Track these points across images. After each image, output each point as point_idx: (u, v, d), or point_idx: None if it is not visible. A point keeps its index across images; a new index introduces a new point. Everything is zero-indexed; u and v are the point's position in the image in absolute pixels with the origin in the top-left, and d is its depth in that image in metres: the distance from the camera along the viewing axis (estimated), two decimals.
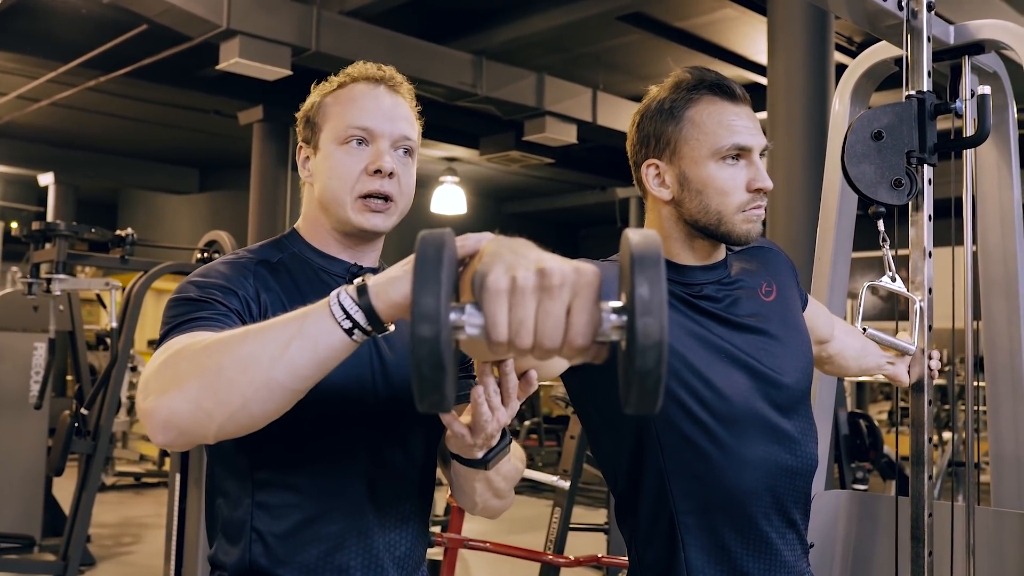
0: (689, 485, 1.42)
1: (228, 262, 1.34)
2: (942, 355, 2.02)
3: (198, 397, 1.00)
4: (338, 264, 1.41)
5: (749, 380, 1.44)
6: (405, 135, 1.40)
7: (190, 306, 1.23)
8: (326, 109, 1.40)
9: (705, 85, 1.45)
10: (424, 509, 1.42)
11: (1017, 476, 2.31)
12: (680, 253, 1.49)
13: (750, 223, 1.45)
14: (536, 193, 13.58)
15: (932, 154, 1.87)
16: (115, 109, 9.35)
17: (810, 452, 1.50)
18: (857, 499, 2.38)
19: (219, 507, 1.34)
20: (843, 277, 2.34)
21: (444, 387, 0.74)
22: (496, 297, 0.76)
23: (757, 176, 1.44)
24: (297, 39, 6.44)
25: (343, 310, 0.98)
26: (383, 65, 1.43)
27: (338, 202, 1.37)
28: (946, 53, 2.10)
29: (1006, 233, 2.31)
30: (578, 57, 7.89)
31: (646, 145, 1.49)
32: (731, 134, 1.43)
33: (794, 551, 1.50)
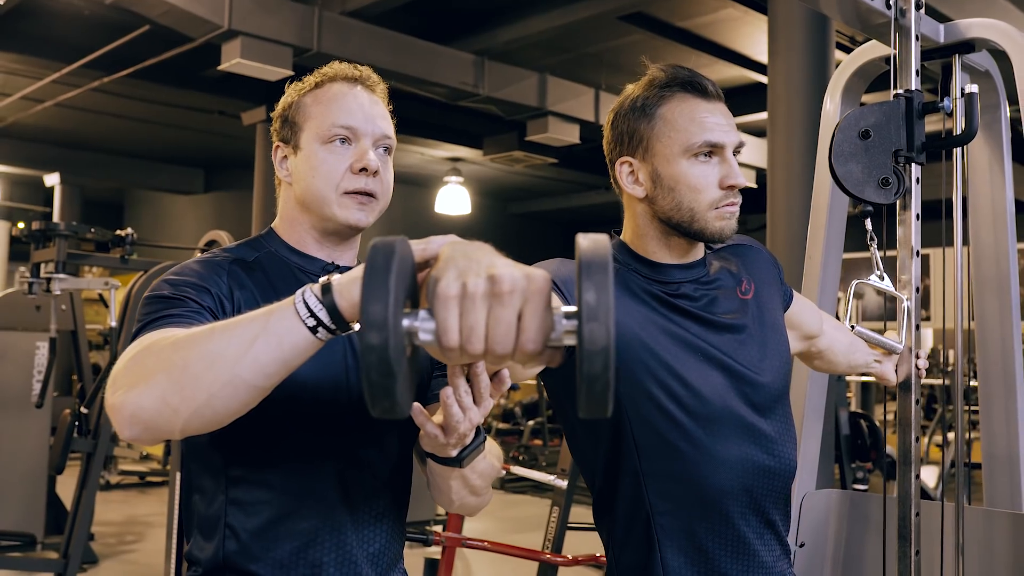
0: (665, 485, 1.42)
1: (202, 261, 1.35)
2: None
3: (164, 392, 1.01)
4: (315, 263, 1.42)
5: (725, 379, 1.44)
6: (385, 134, 1.42)
7: (163, 303, 1.24)
8: (306, 109, 1.41)
9: (677, 83, 1.46)
10: (399, 507, 1.43)
11: (1009, 476, 2.31)
12: (657, 251, 1.50)
13: (723, 220, 1.45)
14: (540, 193, 13.59)
15: (920, 153, 1.87)
16: (120, 110, 9.39)
17: (787, 453, 1.50)
18: (848, 498, 2.38)
19: (195, 503, 1.35)
20: (834, 276, 2.34)
21: (395, 394, 0.75)
22: (446, 303, 0.77)
23: (730, 173, 1.44)
24: (298, 39, 6.45)
25: (307, 308, 0.98)
26: (358, 65, 1.44)
27: (323, 200, 1.38)
28: (937, 52, 2.09)
29: (998, 233, 2.30)
30: (580, 57, 7.89)
31: (620, 143, 1.50)
32: (703, 131, 1.43)
33: (772, 552, 1.49)
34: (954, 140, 1.90)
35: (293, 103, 1.43)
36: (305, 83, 1.44)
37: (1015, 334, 2.31)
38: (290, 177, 1.42)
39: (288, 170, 1.43)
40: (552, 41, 7.41)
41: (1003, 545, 2.12)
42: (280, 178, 1.45)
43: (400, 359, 0.75)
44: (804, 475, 2.37)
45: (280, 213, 1.46)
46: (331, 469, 1.33)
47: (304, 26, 6.46)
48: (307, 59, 6.61)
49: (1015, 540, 2.11)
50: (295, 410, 1.30)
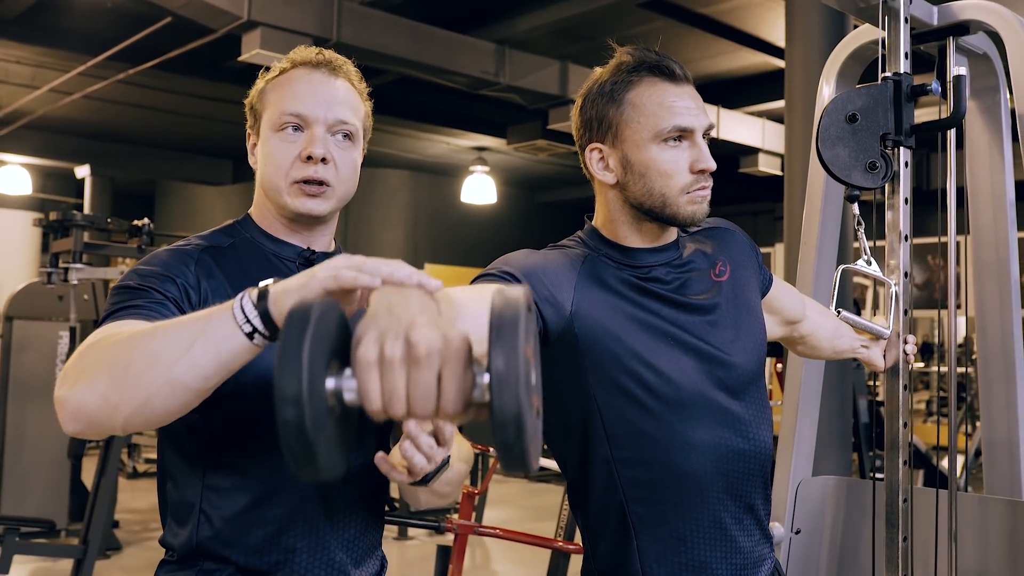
0: (637, 472, 1.42)
1: (173, 250, 1.36)
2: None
3: (106, 390, 1.02)
4: (289, 248, 1.43)
5: (697, 362, 1.44)
6: (341, 119, 1.40)
7: (127, 294, 1.26)
8: (265, 96, 1.42)
9: (645, 67, 1.44)
10: (375, 495, 1.44)
11: (1009, 462, 2.29)
12: (629, 236, 1.49)
13: (695, 204, 1.44)
14: (567, 182, 13.54)
15: (908, 137, 1.85)
16: (147, 101, 9.48)
17: (762, 436, 1.49)
18: (843, 485, 2.37)
19: (168, 490, 1.37)
20: (830, 262, 2.33)
21: (317, 460, 0.74)
22: (366, 368, 0.76)
23: (700, 157, 1.43)
24: (318, 30, 6.47)
25: (244, 314, 0.99)
26: (323, 49, 1.44)
27: (275, 188, 1.40)
28: (931, 35, 2.07)
29: (998, 217, 2.27)
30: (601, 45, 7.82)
31: (589, 129, 1.49)
32: (672, 116, 1.42)
33: (751, 537, 1.48)
34: (941, 123, 1.88)
35: (258, 91, 1.45)
36: (272, 70, 1.45)
37: (1015, 321, 2.29)
38: (256, 163, 1.45)
39: (255, 156, 1.45)
40: (572, 29, 7.38)
41: (998, 532, 2.10)
42: (252, 165, 1.47)
43: (320, 429, 0.74)
44: (800, 462, 2.36)
45: (255, 199, 1.48)
46: None
47: (324, 16, 6.48)
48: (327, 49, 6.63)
49: (1011, 527, 2.09)
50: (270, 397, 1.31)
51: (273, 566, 1.33)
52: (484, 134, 10.11)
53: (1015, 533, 2.09)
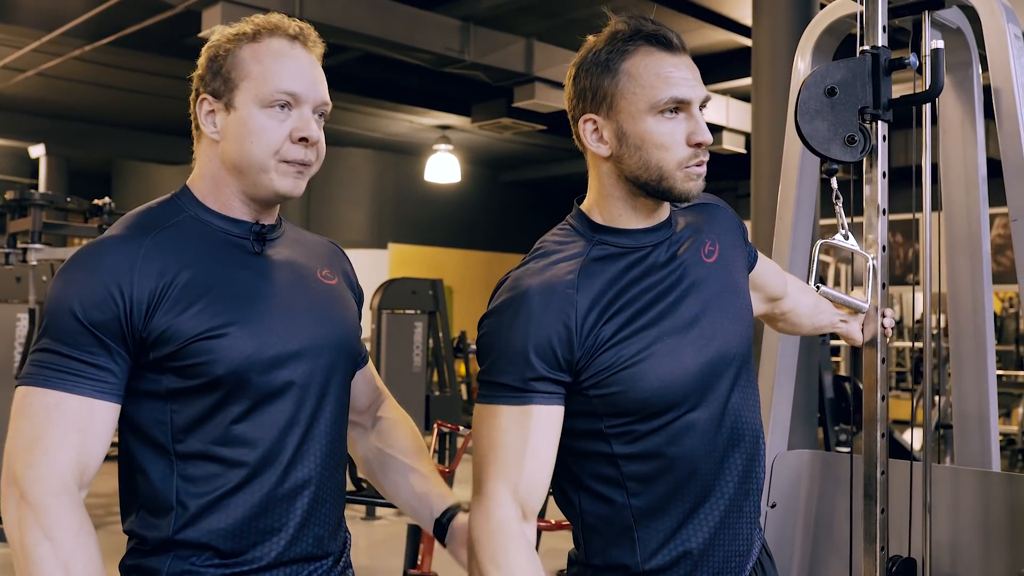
0: (636, 467, 1.39)
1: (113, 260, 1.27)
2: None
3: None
4: (241, 225, 1.37)
5: (691, 349, 1.39)
6: (325, 100, 1.37)
7: (67, 341, 1.26)
8: (243, 65, 1.33)
9: (641, 36, 1.39)
10: (342, 467, 1.44)
11: (979, 434, 2.32)
12: (623, 213, 1.44)
13: (691, 180, 1.40)
14: (531, 160, 13.51)
15: (886, 110, 1.85)
16: (104, 79, 9.29)
17: (755, 420, 1.47)
18: (819, 458, 2.39)
19: (138, 482, 1.32)
20: (805, 237, 2.33)
21: None
22: None
23: (697, 130, 1.38)
24: (281, 6, 6.36)
25: None
26: (295, 18, 1.38)
27: (259, 166, 1.33)
28: (906, 8, 2.07)
29: (970, 193, 2.29)
30: (567, 23, 7.81)
31: (583, 99, 1.43)
32: (668, 86, 1.37)
33: (750, 522, 1.46)
34: (919, 96, 1.88)
35: (228, 54, 1.34)
36: (238, 31, 1.35)
37: (986, 296, 2.31)
38: (218, 135, 1.35)
39: (216, 127, 1.35)
40: (538, 6, 7.33)
41: (970, 503, 2.13)
42: (204, 132, 1.36)
43: None
44: (776, 436, 2.38)
45: (201, 170, 1.39)
46: (283, 438, 1.33)
47: None
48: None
49: (982, 497, 2.12)
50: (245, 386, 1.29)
51: (251, 546, 1.31)
52: (448, 112, 10.04)
53: (987, 503, 2.12)
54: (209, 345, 1.27)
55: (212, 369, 1.27)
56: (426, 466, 1.57)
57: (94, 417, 1.25)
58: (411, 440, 1.60)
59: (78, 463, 1.25)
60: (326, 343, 1.39)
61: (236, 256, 1.36)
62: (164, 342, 1.26)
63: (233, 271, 1.34)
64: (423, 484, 1.54)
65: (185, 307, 1.27)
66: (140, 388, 1.30)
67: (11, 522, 1.21)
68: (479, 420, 1.38)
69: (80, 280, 1.27)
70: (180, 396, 1.29)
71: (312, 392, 1.36)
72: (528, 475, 1.33)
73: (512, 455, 1.33)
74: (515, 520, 1.33)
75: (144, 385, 1.30)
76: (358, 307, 1.54)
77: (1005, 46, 1.99)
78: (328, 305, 1.43)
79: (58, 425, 1.23)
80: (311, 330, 1.37)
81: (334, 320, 1.42)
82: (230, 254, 1.35)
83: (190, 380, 1.28)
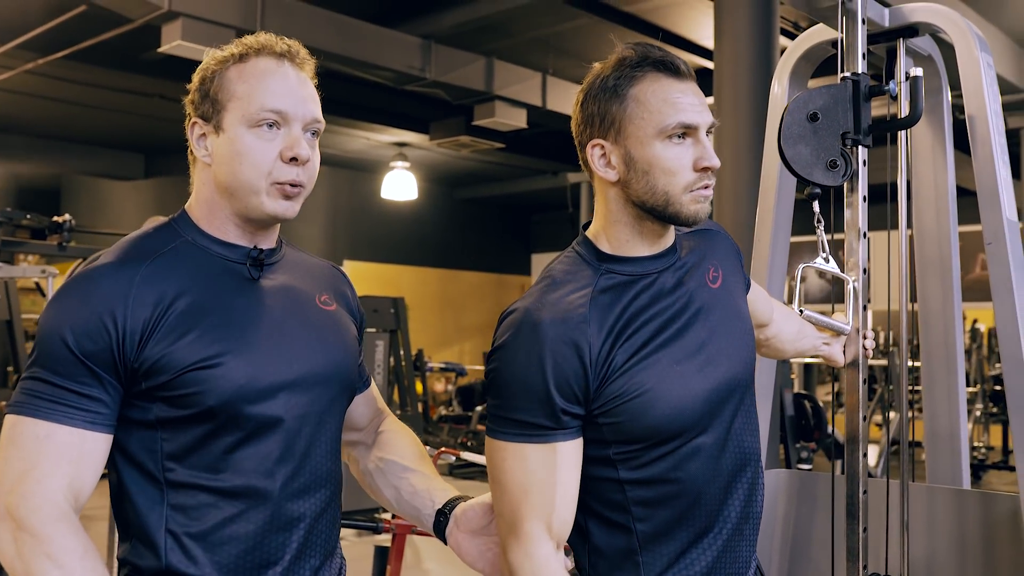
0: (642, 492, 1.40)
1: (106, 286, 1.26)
2: (884, 337, 2.05)
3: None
4: (238, 250, 1.36)
5: (699, 376, 1.41)
6: (316, 117, 1.35)
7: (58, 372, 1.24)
8: (230, 86, 1.31)
9: (649, 62, 1.41)
10: (337, 495, 1.43)
11: (951, 453, 2.36)
12: (629, 239, 1.45)
13: (698, 203, 1.41)
14: (488, 178, 13.54)
15: (867, 135, 1.89)
16: (56, 93, 9.13)
17: (755, 444, 1.49)
18: (796, 478, 2.41)
19: (127, 510, 1.30)
20: (782, 259, 2.37)
21: None
22: None
23: (704, 154, 1.40)
24: (242, 22, 6.32)
25: None
26: (285, 37, 1.36)
27: (250, 189, 1.31)
28: (882, 36, 2.12)
29: (940, 216, 2.34)
30: (527, 41, 7.86)
31: (591, 125, 1.44)
32: (676, 112, 1.38)
33: (749, 545, 1.48)
34: (900, 123, 1.93)
35: (215, 75, 1.33)
36: (227, 53, 1.34)
37: (956, 315, 2.36)
38: (210, 158, 1.34)
39: (208, 150, 1.34)
40: (499, 25, 7.37)
41: (946, 521, 2.17)
42: (197, 157, 1.36)
43: None
44: None
45: (196, 196, 1.38)
46: (277, 469, 1.31)
47: (247, 7, 6.34)
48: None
49: (957, 515, 2.16)
50: (237, 417, 1.27)
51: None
52: (406, 129, 10.02)
53: (961, 521, 2.16)
54: (202, 375, 1.25)
55: (204, 399, 1.25)
56: (428, 468, 1.56)
57: (85, 448, 1.23)
58: (413, 447, 1.59)
59: (71, 490, 1.23)
60: (322, 372, 1.37)
61: (232, 283, 1.33)
62: (157, 372, 1.24)
63: (229, 298, 1.31)
64: (425, 481, 1.53)
65: (179, 336, 1.25)
66: (130, 416, 1.28)
67: (10, 555, 1.18)
68: (501, 458, 1.38)
69: (72, 308, 1.24)
70: (170, 425, 1.27)
71: (307, 422, 1.34)
72: (560, 510, 1.36)
73: (545, 493, 1.35)
74: (554, 555, 1.36)
75: (134, 413, 1.28)
76: (359, 331, 1.53)
77: (979, 75, 2.04)
78: (325, 333, 1.41)
79: (49, 456, 1.21)
80: (306, 359, 1.35)
81: (330, 348, 1.40)
82: (226, 281, 1.33)
83: (181, 410, 1.26)
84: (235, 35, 6.34)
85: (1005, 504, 2.07)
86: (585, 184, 12.19)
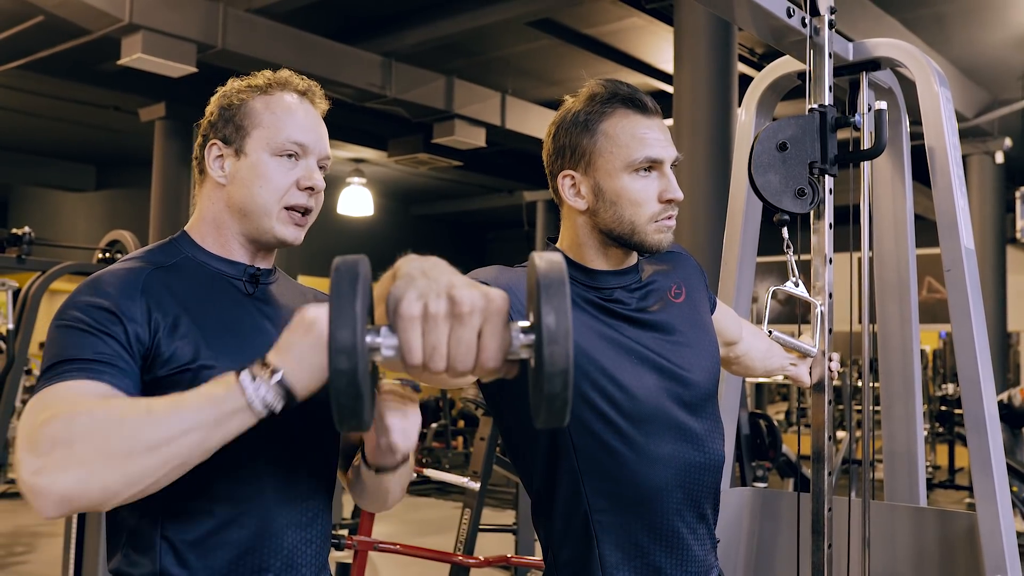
0: (602, 484, 1.46)
1: (118, 282, 1.28)
2: (840, 357, 2.12)
3: (104, 479, 1.03)
4: (237, 267, 1.40)
5: (658, 379, 1.49)
6: (328, 153, 1.43)
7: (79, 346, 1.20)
8: (256, 114, 1.38)
9: (618, 98, 1.50)
10: (329, 506, 1.45)
11: (908, 472, 2.44)
12: (595, 259, 1.54)
13: (662, 233, 1.50)
14: (444, 195, 13.58)
15: (833, 165, 1.96)
16: (7, 102, 9.01)
17: (717, 448, 1.56)
18: (761, 496, 2.47)
19: (123, 518, 1.31)
20: (748, 281, 2.43)
21: (363, 413, 0.77)
22: (410, 324, 0.79)
23: (668, 187, 1.49)
24: (203, 36, 6.31)
25: (264, 404, 1.04)
26: (302, 76, 1.43)
27: (264, 211, 1.37)
28: (845, 69, 2.20)
29: (899, 241, 2.43)
30: (488, 61, 7.94)
31: (562, 156, 1.53)
32: (644, 147, 1.48)
33: (704, 546, 1.55)
34: (864, 153, 2.00)
35: (242, 103, 1.39)
36: (251, 84, 1.41)
37: (914, 337, 2.44)
38: (226, 179, 1.39)
39: (224, 171, 1.39)
40: (460, 44, 7.44)
41: (905, 537, 2.24)
42: (211, 177, 1.40)
43: (367, 382, 0.77)
44: None
45: (201, 215, 1.42)
46: (271, 474, 1.33)
47: (208, 22, 6.32)
48: (211, 56, 6.47)
49: (916, 532, 2.24)
50: None
51: None
52: (364, 146, 10.04)
53: (919, 538, 2.23)
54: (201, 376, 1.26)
55: None
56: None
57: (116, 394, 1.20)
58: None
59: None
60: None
61: (230, 296, 1.38)
62: (157, 366, 1.26)
63: (226, 310, 1.36)
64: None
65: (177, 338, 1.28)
66: None
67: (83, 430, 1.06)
68: None
69: (82, 306, 1.25)
70: None
71: (300, 433, 1.37)
72: None
73: None
74: None
75: None
76: None
77: (938, 108, 2.13)
78: None
79: (79, 394, 1.16)
80: None
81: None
82: (224, 294, 1.37)
83: None
84: (196, 49, 6.34)
85: (963, 522, 2.15)
86: (542, 203, 12.28)
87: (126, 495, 1.06)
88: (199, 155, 1.41)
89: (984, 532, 2.00)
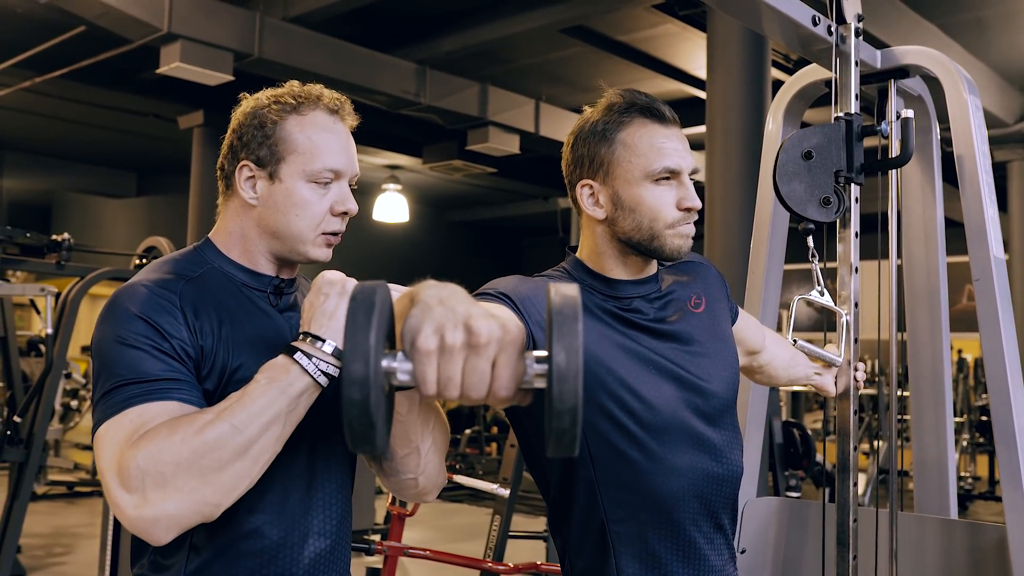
0: (619, 494, 1.46)
1: (154, 294, 1.29)
2: (872, 365, 2.10)
3: (204, 496, 1.13)
4: (262, 279, 1.41)
5: (676, 390, 1.50)
6: (357, 172, 1.43)
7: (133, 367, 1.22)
8: (291, 138, 1.36)
9: (636, 108, 1.51)
10: (350, 512, 1.46)
11: (939, 482, 2.41)
12: (613, 268, 1.55)
13: (680, 239, 1.51)
14: (479, 202, 13.62)
15: (859, 174, 1.95)
16: (51, 110, 9.18)
17: (735, 459, 1.56)
18: (787, 506, 2.45)
19: None
20: (776, 289, 2.42)
21: (375, 439, 0.78)
22: (426, 357, 0.79)
23: (686, 196, 1.51)
24: (240, 45, 6.39)
25: (326, 376, 1.16)
26: (334, 91, 1.42)
27: (299, 238, 1.37)
28: (873, 76, 2.18)
29: (929, 249, 2.40)
30: (521, 68, 7.96)
31: (580, 166, 1.54)
32: (662, 157, 1.49)
33: (721, 556, 1.55)
34: (891, 162, 1.98)
35: (275, 124, 1.37)
36: (282, 99, 1.38)
37: (944, 345, 2.41)
38: (257, 201, 1.38)
39: (257, 193, 1.38)
40: (494, 52, 7.47)
41: (934, 549, 2.21)
42: (240, 195, 1.39)
43: (380, 409, 0.77)
44: (745, 484, 2.43)
45: (226, 227, 1.41)
46: (294, 484, 1.35)
47: (245, 31, 6.41)
48: (248, 64, 6.55)
49: (944, 545, 2.21)
50: None
51: None
52: (399, 152, 10.11)
53: (948, 550, 2.20)
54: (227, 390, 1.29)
55: None
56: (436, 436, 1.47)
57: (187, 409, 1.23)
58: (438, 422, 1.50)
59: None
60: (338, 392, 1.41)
61: (256, 307, 1.39)
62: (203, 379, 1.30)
63: (253, 321, 1.37)
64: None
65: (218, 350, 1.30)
66: None
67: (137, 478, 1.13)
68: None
69: (122, 318, 1.26)
70: None
71: (324, 439, 1.39)
72: None
73: None
74: None
75: None
76: None
77: (967, 116, 2.10)
78: None
79: (153, 417, 1.19)
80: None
81: None
82: (250, 305, 1.38)
83: None
84: (233, 58, 6.42)
85: (992, 534, 2.12)
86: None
87: (229, 501, 1.16)
88: (226, 168, 1.41)
89: (1014, 545, 1.97)
